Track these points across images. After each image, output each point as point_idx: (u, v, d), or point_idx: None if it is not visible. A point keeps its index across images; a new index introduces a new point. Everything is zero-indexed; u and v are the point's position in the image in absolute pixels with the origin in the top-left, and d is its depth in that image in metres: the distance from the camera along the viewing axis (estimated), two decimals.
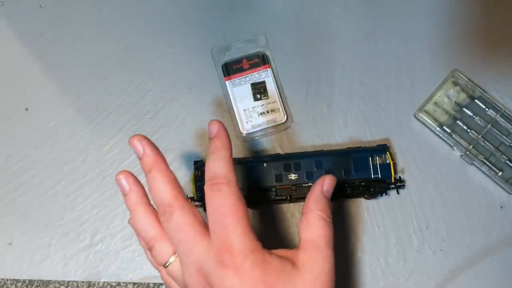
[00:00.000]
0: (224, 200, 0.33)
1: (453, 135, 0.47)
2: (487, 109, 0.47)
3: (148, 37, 0.52)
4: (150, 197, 0.35)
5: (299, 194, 0.45)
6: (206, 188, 0.34)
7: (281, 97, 0.49)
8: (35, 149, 0.50)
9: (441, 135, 0.47)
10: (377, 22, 0.52)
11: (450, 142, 0.47)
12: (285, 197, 0.45)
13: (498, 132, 0.47)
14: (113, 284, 0.46)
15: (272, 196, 0.45)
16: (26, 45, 0.53)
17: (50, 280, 0.47)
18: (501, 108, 0.47)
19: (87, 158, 0.49)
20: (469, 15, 0.51)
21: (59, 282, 0.47)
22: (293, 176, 0.45)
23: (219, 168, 0.34)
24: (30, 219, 0.48)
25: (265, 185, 0.45)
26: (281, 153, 0.48)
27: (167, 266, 0.35)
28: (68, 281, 0.47)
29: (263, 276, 0.31)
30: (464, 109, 0.48)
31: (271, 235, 0.46)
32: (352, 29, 0.52)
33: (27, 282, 0.47)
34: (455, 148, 0.47)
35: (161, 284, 0.46)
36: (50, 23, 0.53)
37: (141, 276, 0.46)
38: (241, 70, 0.50)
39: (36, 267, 0.47)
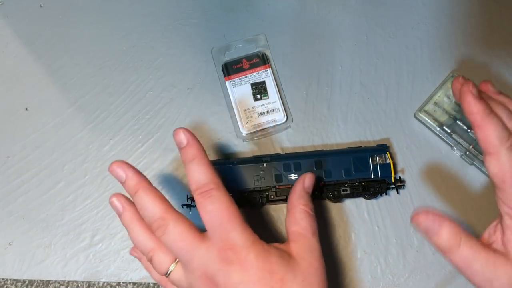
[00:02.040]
0: (218, 204, 0.34)
1: (453, 135, 0.47)
2: None
3: (148, 37, 0.52)
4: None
5: None
6: (196, 197, 0.35)
7: (281, 97, 0.49)
8: (35, 149, 0.50)
9: (441, 135, 0.47)
10: (377, 22, 0.52)
11: (450, 142, 0.47)
12: (285, 197, 0.45)
13: None
14: (113, 284, 0.46)
15: (272, 196, 0.45)
16: (26, 45, 0.53)
17: (50, 280, 0.47)
18: None
19: (87, 158, 0.49)
20: (469, 15, 0.51)
21: (59, 282, 0.47)
22: (293, 176, 0.45)
23: (203, 175, 0.35)
24: (30, 219, 0.48)
25: (265, 185, 0.45)
26: (281, 153, 0.48)
27: (169, 274, 0.35)
28: (68, 281, 0.47)
29: (267, 265, 0.33)
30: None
31: (271, 235, 0.46)
32: (352, 29, 0.52)
33: (27, 282, 0.47)
34: (455, 148, 0.47)
35: None
36: (50, 23, 0.53)
37: (141, 276, 0.46)
38: (241, 70, 0.50)
39: (36, 267, 0.47)
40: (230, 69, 0.50)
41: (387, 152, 0.46)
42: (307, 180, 0.41)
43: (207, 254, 0.33)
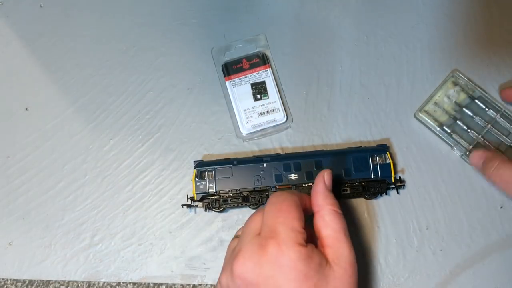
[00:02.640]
0: (283, 197, 0.36)
1: (453, 135, 0.47)
2: (487, 109, 0.47)
3: (148, 37, 0.52)
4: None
5: None
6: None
7: (281, 97, 0.49)
8: (35, 149, 0.50)
9: (441, 135, 0.47)
10: (377, 22, 0.52)
11: (450, 142, 0.47)
12: None
13: (498, 132, 0.47)
14: (113, 284, 0.46)
15: None
16: (26, 45, 0.53)
17: (50, 280, 0.47)
18: (501, 108, 0.47)
19: (87, 158, 0.49)
20: (469, 15, 0.51)
21: (59, 282, 0.47)
22: (293, 176, 0.45)
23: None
24: (30, 219, 0.48)
25: (265, 185, 0.45)
26: (281, 153, 0.48)
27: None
28: (68, 281, 0.47)
29: (305, 268, 0.33)
30: (464, 109, 0.47)
31: None
32: (352, 29, 0.52)
33: (27, 282, 0.47)
34: (455, 148, 0.47)
35: (161, 284, 0.46)
36: (50, 23, 0.53)
37: (141, 276, 0.46)
38: (241, 70, 0.50)
39: (36, 267, 0.47)
40: (230, 69, 0.50)
41: (387, 152, 0.46)
42: (327, 177, 0.39)
43: (253, 238, 0.34)
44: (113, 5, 0.53)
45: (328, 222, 0.36)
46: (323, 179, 0.39)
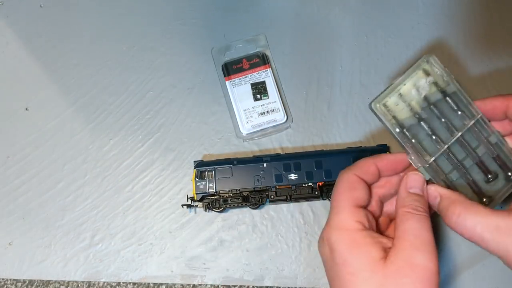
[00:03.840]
0: (336, 184, 0.37)
1: (413, 141, 0.36)
2: (459, 111, 0.36)
3: (148, 37, 0.52)
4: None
5: (299, 194, 0.45)
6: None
7: (281, 97, 0.49)
8: (35, 149, 0.50)
9: (398, 137, 0.36)
10: (377, 22, 0.52)
11: (407, 149, 0.36)
12: (285, 197, 0.45)
13: (467, 145, 0.36)
14: (113, 284, 0.46)
15: (272, 196, 0.45)
16: (26, 45, 0.53)
17: (50, 280, 0.47)
18: (477, 114, 0.36)
19: (87, 158, 0.49)
20: (469, 15, 0.51)
21: (59, 282, 0.47)
22: (293, 176, 0.45)
23: None
24: (30, 219, 0.48)
25: (265, 185, 0.45)
26: (281, 153, 0.48)
27: None
28: (68, 281, 0.47)
29: (344, 254, 0.33)
30: (433, 107, 0.36)
31: (272, 235, 0.46)
32: (352, 29, 0.52)
33: (27, 282, 0.47)
34: (412, 158, 0.36)
35: (161, 284, 0.46)
36: (50, 23, 0.53)
37: (141, 276, 0.46)
38: (241, 70, 0.50)
39: (36, 267, 0.47)
40: (230, 69, 0.50)
41: (387, 152, 0.46)
42: (408, 179, 0.36)
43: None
44: (113, 5, 0.53)
45: (399, 223, 0.34)
46: (405, 181, 0.36)
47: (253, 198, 0.45)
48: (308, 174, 0.45)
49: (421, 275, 0.31)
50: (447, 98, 0.36)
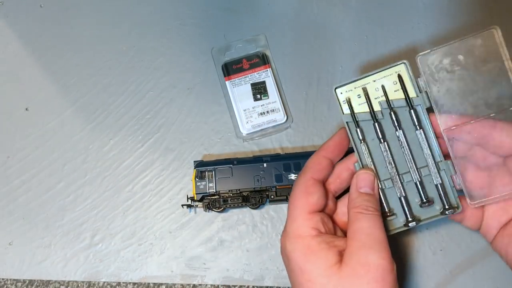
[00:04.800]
0: (295, 188, 0.37)
1: (362, 144, 0.36)
2: (417, 127, 0.35)
3: (148, 37, 0.52)
4: None
5: None
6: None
7: (281, 97, 0.49)
8: (35, 149, 0.50)
9: (349, 133, 0.35)
10: (377, 22, 0.52)
11: (357, 150, 0.36)
12: (285, 197, 0.45)
13: (411, 158, 0.36)
14: (113, 284, 0.46)
15: (272, 196, 0.45)
16: (26, 45, 0.53)
17: (50, 280, 0.47)
18: (432, 134, 0.35)
19: (87, 158, 0.49)
20: (469, 15, 0.51)
21: (59, 282, 0.47)
22: (293, 176, 0.45)
23: None
24: (30, 219, 0.48)
25: (265, 185, 0.45)
26: (281, 153, 0.48)
27: None
28: (68, 281, 0.47)
29: (300, 262, 0.34)
30: (393, 113, 0.35)
31: (272, 235, 0.46)
32: (352, 29, 0.52)
33: (27, 282, 0.47)
34: (358, 164, 0.36)
35: (161, 284, 0.46)
36: (50, 23, 0.53)
37: (141, 276, 0.46)
38: (241, 70, 0.50)
39: (36, 267, 0.47)
40: (230, 69, 0.50)
41: None
42: (358, 178, 0.36)
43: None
44: (113, 5, 0.53)
45: (350, 224, 0.34)
46: (355, 180, 0.36)
47: (253, 198, 0.45)
48: None
49: (376, 274, 0.31)
50: (411, 110, 0.35)
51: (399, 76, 0.35)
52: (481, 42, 0.34)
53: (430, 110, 0.35)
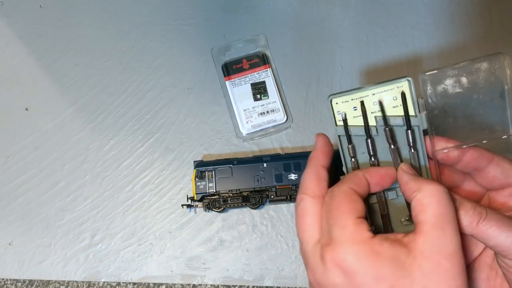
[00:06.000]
0: (330, 195, 0.31)
1: (352, 159, 0.34)
2: (412, 149, 0.33)
3: (148, 37, 0.52)
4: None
5: None
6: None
7: (281, 97, 0.49)
8: (35, 149, 0.50)
9: (339, 142, 0.34)
10: (377, 22, 0.52)
11: (345, 163, 0.34)
12: (285, 197, 0.45)
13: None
14: (113, 284, 0.46)
15: (272, 196, 0.45)
16: (26, 45, 0.53)
17: (50, 280, 0.47)
18: (424, 160, 0.33)
19: (87, 158, 0.49)
20: (469, 15, 0.51)
21: (59, 282, 0.47)
22: (293, 176, 0.45)
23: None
24: (30, 219, 0.48)
25: (265, 185, 0.45)
26: (281, 153, 0.48)
27: None
28: (68, 281, 0.47)
29: (372, 270, 0.28)
30: (388, 130, 0.33)
31: (272, 235, 0.46)
32: (352, 29, 0.52)
33: (27, 282, 0.47)
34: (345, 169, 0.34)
35: (161, 284, 0.46)
36: (50, 23, 0.53)
37: (141, 276, 0.46)
38: (241, 70, 0.50)
39: (36, 267, 0.47)
40: (230, 69, 0.50)
41: None
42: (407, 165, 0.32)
43: (314, 247, 0.30)
44: (113, 5, 0.53)
45: (426, 206, 0.29)
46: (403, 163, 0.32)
47: (253, 198, 0.45)
48: None
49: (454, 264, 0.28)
50: (408, 130, 0.33)
51: (403, 95, 0.33)
52: (486, 66, 0.32)
53: (425, 131, 0.34)
